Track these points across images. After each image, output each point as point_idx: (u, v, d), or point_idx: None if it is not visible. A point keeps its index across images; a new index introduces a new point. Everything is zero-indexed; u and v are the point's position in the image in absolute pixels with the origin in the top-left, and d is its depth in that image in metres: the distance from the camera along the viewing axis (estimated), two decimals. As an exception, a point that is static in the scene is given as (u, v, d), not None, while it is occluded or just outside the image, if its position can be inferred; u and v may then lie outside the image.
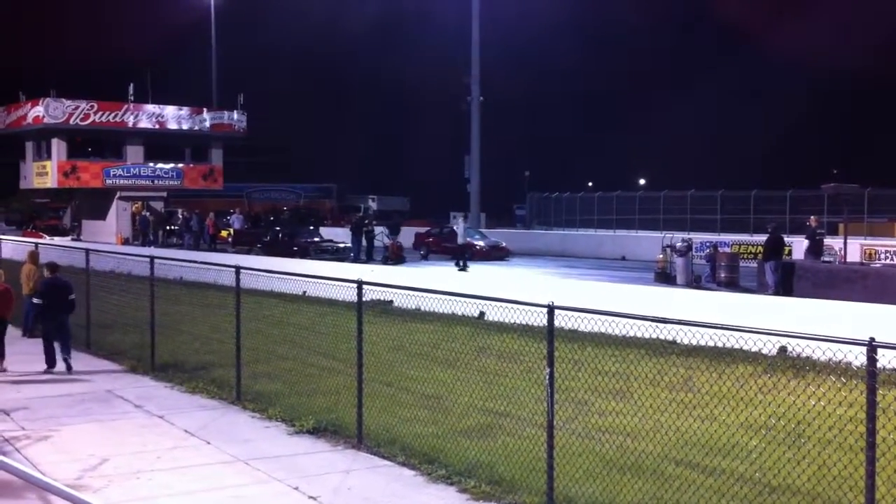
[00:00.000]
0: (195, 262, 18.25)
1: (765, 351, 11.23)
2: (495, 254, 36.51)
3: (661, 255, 27.92)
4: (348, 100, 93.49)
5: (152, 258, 13.58)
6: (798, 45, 77.54)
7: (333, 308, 13.43)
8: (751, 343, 7.32)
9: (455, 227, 33.81)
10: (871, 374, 5.26)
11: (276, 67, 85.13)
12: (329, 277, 11.53)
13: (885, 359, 5.38)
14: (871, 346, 5.21)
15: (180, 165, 46.54)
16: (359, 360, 8.96)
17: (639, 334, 8.19)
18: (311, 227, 40.86)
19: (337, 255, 34.37)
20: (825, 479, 6.59)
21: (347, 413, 9.20)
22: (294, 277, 12.97)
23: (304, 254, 33.26)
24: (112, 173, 44.62)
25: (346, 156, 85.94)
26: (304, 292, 16.73)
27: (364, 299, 9.15)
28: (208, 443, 8.97)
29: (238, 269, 11.26)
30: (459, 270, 29.38)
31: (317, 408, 9.85)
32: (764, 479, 7.11)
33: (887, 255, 31.44)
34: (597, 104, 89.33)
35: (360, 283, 9.04)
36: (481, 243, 37.11)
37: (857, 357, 5.40)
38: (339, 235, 40.14)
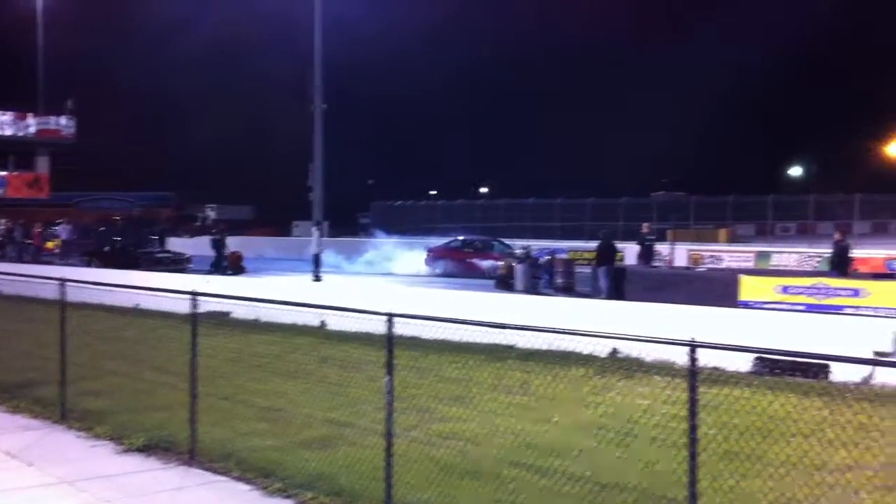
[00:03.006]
0: (17, 274, 17.23)
1: (597, 353, 11.58)
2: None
3: (501, 263, 28.52)
4: (188, 106, 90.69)
5: (-33, 271, 12.72)
6: (652, 50, 79.66)
7: (168, 321, 12.97)
8: (584, 346, 7.58)
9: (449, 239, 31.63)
10: (692, 374, 5.51)
11: (111, 72, 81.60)
12: (162, 289, 11.11)
13: (706, 358, 5.64)
14: (692, 347, 5.47)
15: (3, 173, 43.96)
16: (192, 373, 8.67)
17: (479, 340, 8.30)
18: (153, 237, 39.24)
19: (176, 265, 33.29)
20: (652, 475, 6.87)
21: (181, 429, 8.87)
22: (125, 290, 12.46)
23: (140, 265, 31.97)
24: (-74, 181, 41.69)
25: (186, 163, 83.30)
26: (137, 305, 16.10)
27: (200, 311, 8.88)
28: (31, 464, 8.46)
29: (63, 281, 10.71)
30: (314, 280, 28.70)
31: (148, 424, 9.46)
32: (595, 478, 7.32)
33: (712, 259, 33.33)
34: (443, 110, 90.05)
35: (194, 295, 8.78)
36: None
37: (681, 357, 5.64)
38: (178, 246, 38.84)
